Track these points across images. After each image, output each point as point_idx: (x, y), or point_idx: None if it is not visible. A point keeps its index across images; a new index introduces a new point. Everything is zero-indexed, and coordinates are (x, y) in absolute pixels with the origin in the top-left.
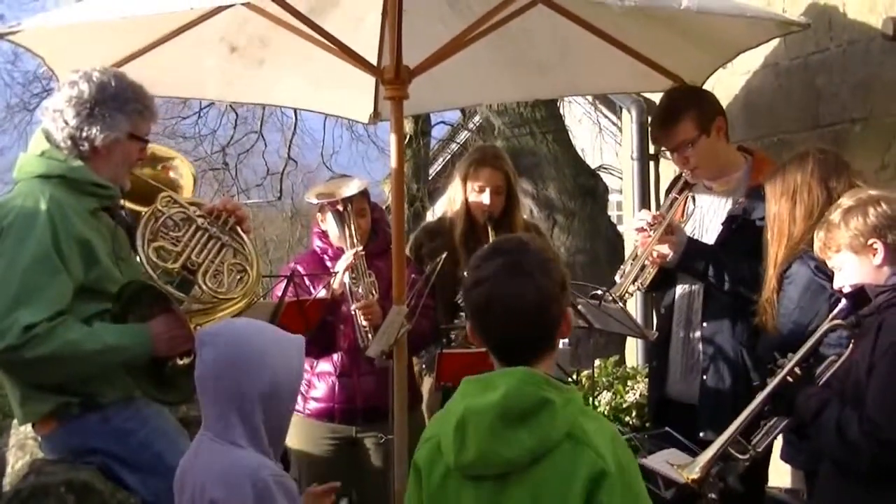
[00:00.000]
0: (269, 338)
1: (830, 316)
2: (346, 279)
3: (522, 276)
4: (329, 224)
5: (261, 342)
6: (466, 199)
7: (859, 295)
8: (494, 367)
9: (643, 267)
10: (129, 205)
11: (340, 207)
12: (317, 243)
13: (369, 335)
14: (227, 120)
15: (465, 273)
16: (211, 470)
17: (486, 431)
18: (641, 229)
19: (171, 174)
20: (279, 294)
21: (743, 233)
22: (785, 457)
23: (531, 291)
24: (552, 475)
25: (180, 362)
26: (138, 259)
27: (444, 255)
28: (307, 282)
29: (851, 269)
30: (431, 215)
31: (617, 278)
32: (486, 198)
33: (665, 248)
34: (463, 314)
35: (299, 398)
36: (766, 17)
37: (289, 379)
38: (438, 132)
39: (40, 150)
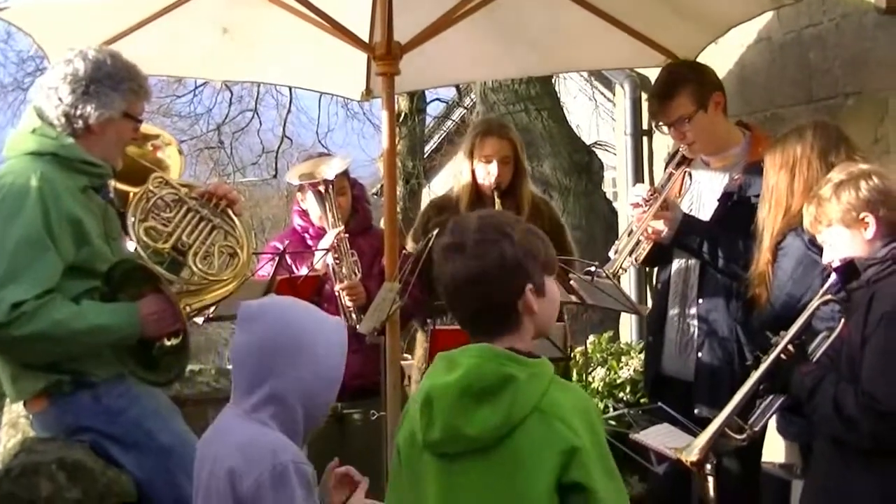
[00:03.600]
0: (315, 322)
1: (821, 291)
2: (329, 259)
3: (491, 244)
4: (309, 203)
5: (310, 326)
6: (473, 171)
7: (849, 269)
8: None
9: (638, 242)
10: (117, 185)
11: (322, 187)
12: (297, 222)
13: (353, 315)
14: (223, 98)
15: (442, 241)
16: (230, 441)
17: (448, 409)
18: (637, 205)
19: (159, 153)
20: (262, 273)
21: (739, 209)
22: (782, 431)
23: (493, 266)
24: (522, 451)
25: (168, 343)
26: (129, 239)
27: (435, 231)
28: (289, 260)
29: (842, 243)
30: (428, 193)
31: (611, 254)
32: (493, 168)
33: (660, 224)
34: None
35: None
36: None
37: (330, 367)
38: (434, 110)
39: (32, 127)
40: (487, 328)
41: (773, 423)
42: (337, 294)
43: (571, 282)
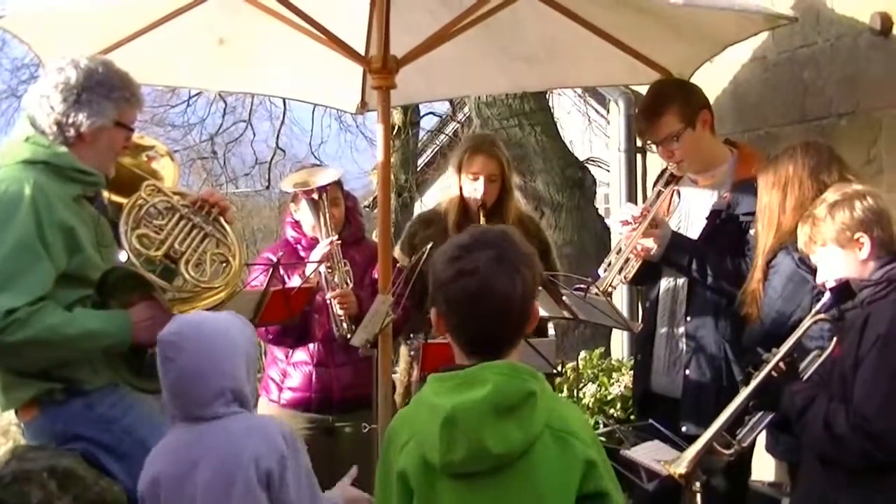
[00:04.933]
0: (225, 325)
1: (815, 310)
2: (322, 269)
3: (512, 270)
4: (303, 213)
5: (223, 330)
6: (461, 188)
7: (843, 289)
8: (456, 359)
9: (627, 260)
10: (111, 196)
11: (315, 196)
12: (290, 233)
13: (344, 324)
14: (216, 109)
15: (438, 263)
16: (231, 431)
17: (476, 427)
18: (626, 222)
19: (154, 164)
20: (254, 285)
21: (727, 227)
22: (770, 450)
23: (519, 285)
24: (541, 467)
25: None
26: (120, 247)
27: (429, 246)
28: (281, 271)
29: (836, 263)
30: (420, 206)
31: (601, 271)
32: (479, 185)
33: (649, 242)
34: None
35: (275, 388)
36: (754, 11)
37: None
38: (427, 123)
39: (25, 135)
40: (498, 345)
41: (761, 442)
42: (328, 302)
43: (564, 297)
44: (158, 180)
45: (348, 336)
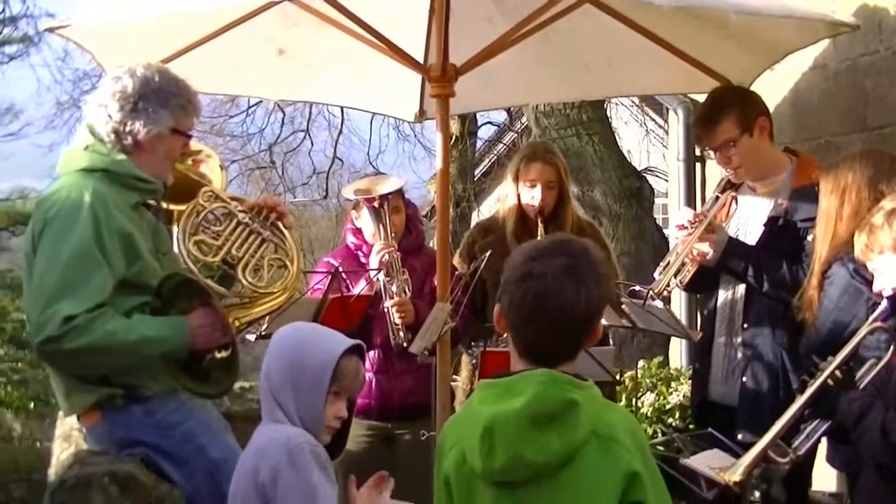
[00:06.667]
0: (294, 336)
1: (871, 318)
2: (381, 277)
3: (580, 283)
4: (364, 220)
5: (288, 342)
6: (518, 195)
7: None
8: (511, 362)
9: (683, 264)
10: (168, 204)
11: (377, 204)
12: (350, 239)
13: (402, 333)
14: (275, 118)
15: (512, 260)
16: (254, 444)
17: (513, 437)
18: (682, 227)
19: (202, 167)
20: (316, 289)
21: (785, 234)
22: (830, 460)
23: (584, 300)
24: (583, 476)
25: (218, 356)
26: (178, 253)
27: (488, 253)
28: (344, 276)
29: (893, 271)
30: (477, 216)
31: (656, 274)
32: (537, 192)
33: (705, 247)
34: None
35: None
36: (814, 18)
37: (313, 368)
38: (485, 133)
39: (84, 144)
40: (552, 354)
41: (822, 452)
42: (386, 311)
43: (623, 305)
44: (207, 184)
45: (405, 345)
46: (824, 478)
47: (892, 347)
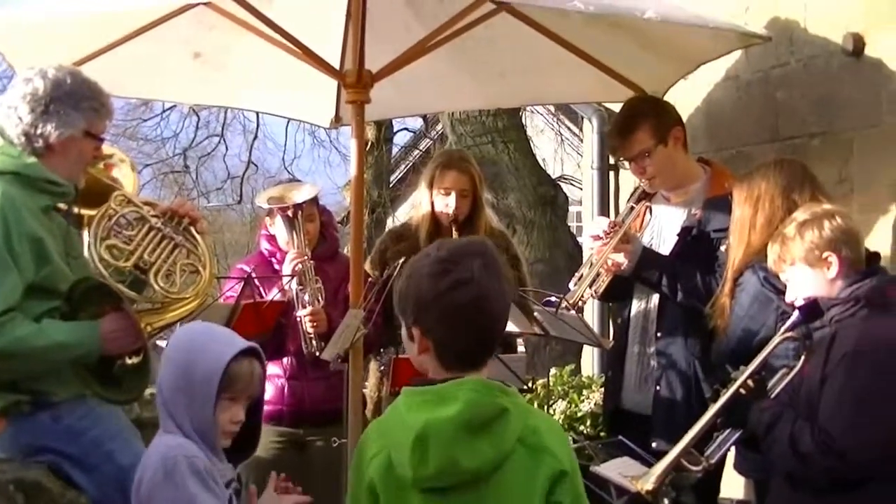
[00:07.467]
0: (184, 342)
1: (783, 328)
2: (294, 285)
3: (500, 276)
4: (278, 228)
5: (175, 345)
6: (432, 203)
7: (812, 308)
8: (430, 374)
9: (598, 275)
10: (80, 209)
11: (290, 213)
12: (265, 246)
13: (314, 342)
14: (189, 122)
15: (423, 280)
16: (144, 457)
17: (447, 444)
18: (597, 237)
19: (114, 171)
20: (229, 295)
21: (698, 244)
22: (738, 467)
23: (508, 292)
24: (512, 481)
25: (129, 361)
26: (89, 257)
27: (401, 260)
28: (257, 283)
29: (805, 281)
30: (392, 222)
31: (571, 285)
32: (451, 200)
33: (620, 257)
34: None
35: None
36: (727, 29)
37: (202, 375)
38: (401, 139)
39: None
40: (482, 358)
41: (731, 460)
42: (299, 320)
43: (535, 313)
44: (119, 188)
45: (317, 353)
46: (731, 485)
47: (802, 357)
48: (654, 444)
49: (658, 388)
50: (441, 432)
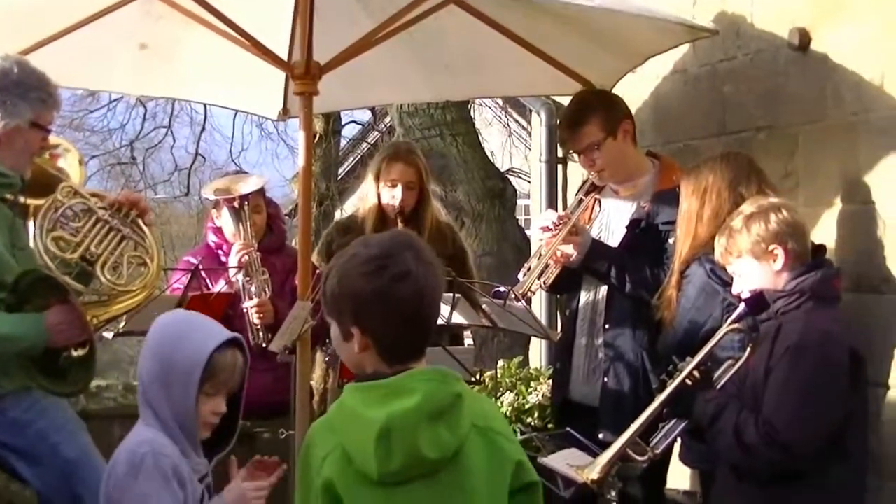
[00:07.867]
0: (166, 330)
1: (729, 320)
2: (240, 277)
3: (434, 267)
4: (224, 220)
5: (156, 334)
6: (379, 195)
7: (758, 300)
8: (370, 370)
9: (546, 266)
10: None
11: (237, 204)
12: (211, 238)
13: (260, 333)
14: (136, 114)
15: (357, 279)
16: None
17: (412, 437)
18: (546, 228)
19: (60, 161)
20: (176, 287)
21: (646, 237)
22: (683, 458)
23: (441, 280)
24: (471, 467)
25: (75, 353)
26: (35, 249)
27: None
28: (204, 275)
29: (751, 274)
30: (340, 214)
31: (520, 276)
32: (397, 192)
33: (569, 249)
34: None
35: None
36: (675, 22)
37: (183, 366)
38: (349, 132)
39: None
40: (422, 350)
41: (677, 451)
42: (245, 312)
43: (483, 305)
44: (65, 178)
45: (264, 345)
46: (678, 476)
47: (748, 348)
48: (601, 436)
49: (606, 379)
50: (405, 425)
